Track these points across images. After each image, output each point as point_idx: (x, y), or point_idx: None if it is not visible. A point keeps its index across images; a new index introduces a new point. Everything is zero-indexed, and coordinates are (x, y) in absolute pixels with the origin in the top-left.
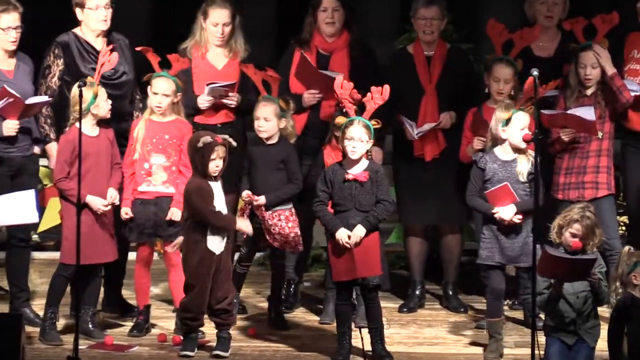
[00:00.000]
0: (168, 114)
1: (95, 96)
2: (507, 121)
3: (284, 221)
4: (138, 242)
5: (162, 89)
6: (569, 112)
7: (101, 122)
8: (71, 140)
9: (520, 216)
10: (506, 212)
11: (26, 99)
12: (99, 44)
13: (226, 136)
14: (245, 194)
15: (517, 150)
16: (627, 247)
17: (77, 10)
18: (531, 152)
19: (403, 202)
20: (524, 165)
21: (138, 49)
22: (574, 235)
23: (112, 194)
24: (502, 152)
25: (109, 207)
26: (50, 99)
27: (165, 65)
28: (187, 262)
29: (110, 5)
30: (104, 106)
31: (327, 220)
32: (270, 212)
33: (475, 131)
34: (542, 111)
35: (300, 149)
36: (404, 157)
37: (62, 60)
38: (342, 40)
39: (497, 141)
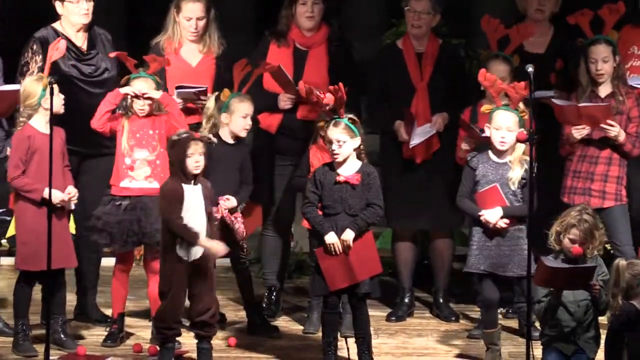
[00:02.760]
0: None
1: (45, 89)
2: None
3: (240, 222)
4: (121, 251)
5: (142, 89)
6: (581, 104)
7: (54, 121)
8: (26, 138)
9: (506, 220)
10: (492, 214)
11: None
12: (80, 39)
13: (207, 134)
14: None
15: (498, 153)
16: (619, 260)
17: (57, 4)
18: (525, 157)
19: (392, 206)
20: (517, 172)
21: (112, 54)
22: (573, 241)
23: (71, 191)
24: (495, 153)
25: (72, 199)
26: (19, 86)
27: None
28: (161, 266)
29: None
30: (55, 101)
31: (317, 222)
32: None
33: (463, 133)
34: (554, 101)
35: (273, 148)
36: (392, 158)
37: (40, 56)
38: (320, 35)
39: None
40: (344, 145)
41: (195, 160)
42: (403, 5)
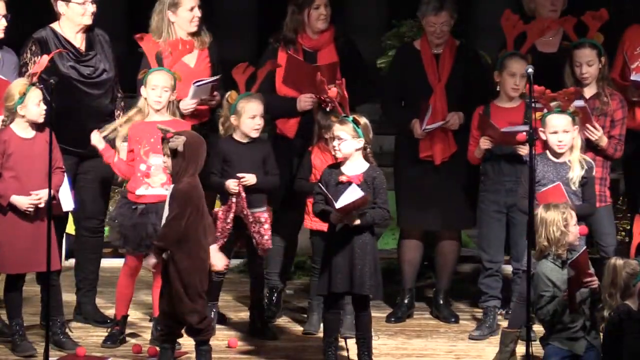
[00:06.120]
0: (164, 113)
1: (22, 96)
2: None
3: (264, 223)
4: (134, 253)
5: (161, 82)
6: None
7: (38, 125)
8: (3, 141)
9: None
10: None
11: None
12: (78, 40)
13: (177, 136)
14: (234, 182)
15: (556, 154)
16: (615, 259)
17: (60, 4)
18: (585, 157)
19: (404, 205)
20: (577, 171)
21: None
22: (577, 224)
23: (40, 193)
24: (552, 154)
25: (38, 202)
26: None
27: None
28: (190, 264)
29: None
30: (32, 110)
31: (320, 209)
32: (252, 212)
33: (482, 131)
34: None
35: (291, 152)
36: (408, 159)
37: (39, 57)
38: (327, 35)
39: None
40: (344, 144)
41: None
42: (419, 15)
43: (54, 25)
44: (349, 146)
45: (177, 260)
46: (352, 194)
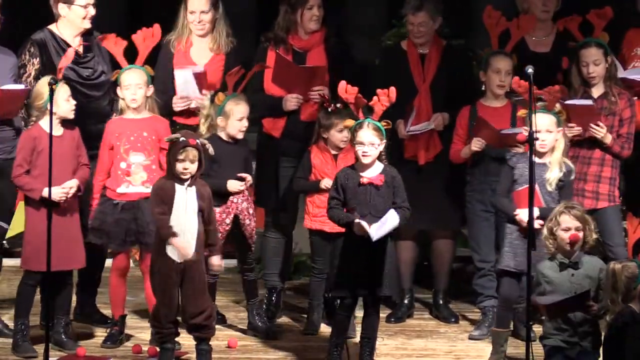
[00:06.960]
0: (143, 110)
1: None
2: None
3: (253, 222)
4: (118, 250)
5: (134, 80)
6: (566, 102)
7: (66, 122)
8: (33, 138)
9: (541, 222)
10: (526, 214)
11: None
12: (76, 42)
13: (205, 141)
14: (239, 182)
15: (538, 154)
16: (614, 264)
17: (62, 7)
18: (566, 160)
19: None
20: (555, 173)
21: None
22: (568, 229)
23: (72, 184)
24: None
25: (68, 193)
26: (28, 87)
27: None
28: (152, 267)
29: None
30: (63, 105)
31: (342, 217)
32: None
33: (477, 132)
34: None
35: (278, 151)
36: (394, 159)
37: (37, 59)
38: (318, 36)
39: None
40: (379, 148)
41: (184, 167)
42: (403, 13)
43: (52, 27)
44: (378, 150)
45: (202, 261)
46: (391, 222)
